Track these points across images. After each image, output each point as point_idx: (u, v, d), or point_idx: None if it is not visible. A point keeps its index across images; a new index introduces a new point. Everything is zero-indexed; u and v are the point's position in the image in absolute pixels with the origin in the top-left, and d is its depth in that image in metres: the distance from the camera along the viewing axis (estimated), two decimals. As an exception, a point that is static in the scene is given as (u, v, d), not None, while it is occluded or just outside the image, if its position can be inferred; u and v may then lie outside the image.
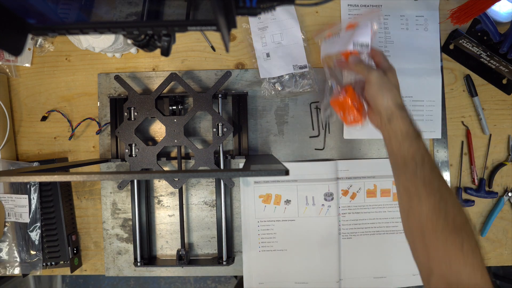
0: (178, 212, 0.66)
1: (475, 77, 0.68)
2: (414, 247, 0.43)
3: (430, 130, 0.67)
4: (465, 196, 0.68)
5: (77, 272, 0.67)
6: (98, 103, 0.67)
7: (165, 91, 0.62)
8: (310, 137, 0.67)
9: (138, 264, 0.64)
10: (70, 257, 0.65)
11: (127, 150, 0.61)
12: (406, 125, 0.46)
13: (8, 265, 0.65)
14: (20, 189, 0.64)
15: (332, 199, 0.66)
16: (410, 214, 0.43)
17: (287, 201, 0.66)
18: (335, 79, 0.57)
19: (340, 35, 0.57)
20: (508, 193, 0.68)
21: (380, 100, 0.48)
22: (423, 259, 0.42)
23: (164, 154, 0.67)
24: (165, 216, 0.67)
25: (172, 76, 0.61)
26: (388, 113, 0.47)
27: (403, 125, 0.46)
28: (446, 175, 0.68)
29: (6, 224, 0.65)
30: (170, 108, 0.63)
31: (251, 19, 0.65)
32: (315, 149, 0.67)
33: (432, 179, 0.42)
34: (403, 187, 0.45)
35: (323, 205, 0.66)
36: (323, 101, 0.61)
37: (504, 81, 0.68)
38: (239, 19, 0.66)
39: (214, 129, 0.61)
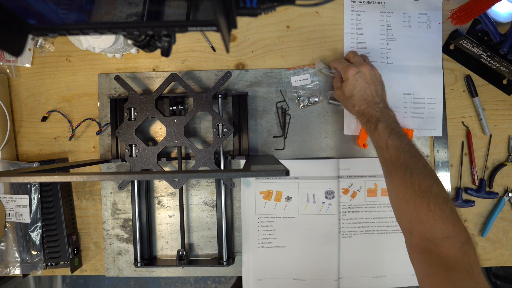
0: (178, 213, 0.66)
1: (475, 78, 0.68)
2: (397, 216, 0.50)
3: (431, 128, 0.67)
4: (465, 196, 0.68)
5: (77, 273, 0.67)
6: (98, 103, 0.67)
7: (165, 91, 0.62)
8: (274, 136, 0.67)
9: (138, 264, 0.64)
10: (70, 257, 0.65)
11: (127, 151, 0.61)
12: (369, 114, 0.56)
13: (8, 265, 0.65)
14: (21, 189, 0.64)
15: (333, 197, 0.66)
16: (388, 189, 0.52)
17: (288, 198, 0.66)
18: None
19: None
20: (508, 194, 0.68)
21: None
22: (403, 224, 0.49)
23: (164, 155, 0.67)
24: (165, 217, 0.67)
25: (173, 77, 0.61)
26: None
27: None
28: (447, 176, 0.68)
29: (7, 224, 0.65)
30: (171, 108, 0.63)
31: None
32: (275, 149, 0.67)
33: (398, 156, 0.49)
34: (382, 169, 0.53)
35: (323, 203, 0.66)
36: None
37: (505, 82, 0.68)
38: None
39: (215, 130, 0.61)
